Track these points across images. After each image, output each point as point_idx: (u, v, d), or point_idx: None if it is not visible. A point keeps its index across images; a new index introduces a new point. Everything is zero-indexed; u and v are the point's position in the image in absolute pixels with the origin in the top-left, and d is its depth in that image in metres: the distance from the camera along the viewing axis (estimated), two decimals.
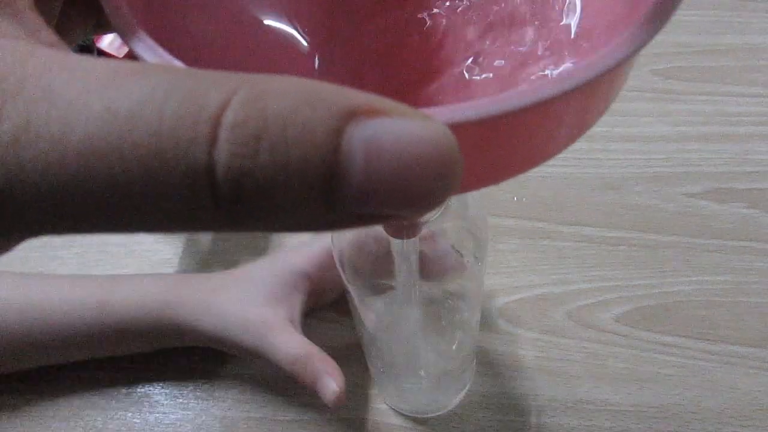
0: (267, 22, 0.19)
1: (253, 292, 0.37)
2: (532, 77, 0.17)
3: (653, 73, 0.55)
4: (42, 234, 0.10)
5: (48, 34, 0.12)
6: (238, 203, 0.09)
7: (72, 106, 0.09)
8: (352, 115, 0.09)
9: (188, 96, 0.09)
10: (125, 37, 0.13)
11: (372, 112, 0.09)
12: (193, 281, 0.39)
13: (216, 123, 0.09)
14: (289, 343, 0.35)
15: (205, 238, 0.47)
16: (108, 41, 0.47)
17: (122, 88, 0.09)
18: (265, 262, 0.39)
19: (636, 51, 0.11)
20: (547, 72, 0.17)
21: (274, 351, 0.35)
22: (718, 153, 0.49)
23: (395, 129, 0.09)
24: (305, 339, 0.35)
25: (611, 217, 0.46)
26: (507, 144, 0.12)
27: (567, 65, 0.17)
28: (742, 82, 0.53)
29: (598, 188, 0.48)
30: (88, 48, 0.52)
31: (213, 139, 0.09)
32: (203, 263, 0.46)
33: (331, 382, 0.34)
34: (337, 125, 0.09)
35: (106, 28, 0.16)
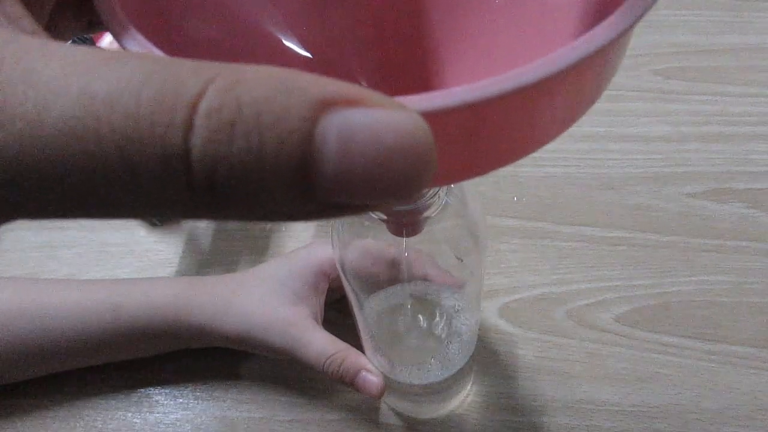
0: (261, 26, 0.19)
1: (276, 292, 0.37)
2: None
3: (653, 73, 0.55)
4: (19, 217, 0.10)
5: (30, 23, 0.12)
6: (213, 189, 0.09)
7: (49, 88, 0.09)
8: (327, 104, 0.09)
9: (166, 82, 0.09)
10: (114, 31, 0.13)
11: (346, 102, 0.09)
12: (207, 283, 0.39)
13: (192, 109, 0.09)
14: (319, 341, 0.35)
15: (205, 239, 0.47)
16: (108, 41, 0.47)
17: (101, 72, 0.09)
18: (283, 262, 0.39)
19: (621, 34, 0.11)
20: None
21: (305, 350, 0.35)
22: (718, 153, 0.49)
23: (369, 118, 0.09)
24: (333, 336, 0.36)
25: (611, 217, 0.46)
26: (487, 133, 0.12)
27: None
28: (742, 82, 0.53)
29: (598, 188, 0.48)
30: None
31: (189, 125, 0.09)
32: (203, 263, 0.46)
33: (370, 376, 0.35)
34: (312, 114, 0.09)
35: (98, 27, 0.16)
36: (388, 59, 0.20)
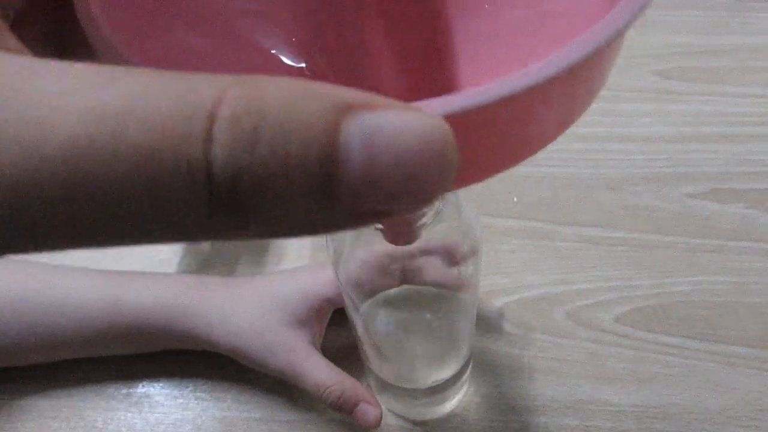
0: (255, 37, 0.19)
1: (277, 312, 0.36)
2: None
3: (653, 74, 0.55)
4: (18, 251, 0.09)
5: (14, 41, 0.11)
6: (236, 201, 0.09)
7: (53, 105, 0.08)
8: (349, 108, 0.09)
9: (181, 92, 0.09)
10: (105, 55, 0.12)
11: (368, 106, 0.09)
12: (208, 287, 0.38)
13: (212, 118, 0.08)
14: (318, 371, 0.35)
15: None
16: None
17: (109, 87, 0.09)
18: (287, 280, 0.38)
19: (628, 25, 0.11)
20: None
21: (303, 378, 0.35)
22: (718, 153, 0.49)
23: (390, 121, 0.09)
24: (331, 364, 0.36)
25: (611, 217, 0.46)
26: (501, 132, 0.12)
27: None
28: (742, 82, 0.53)
29: (598, 188, 0.48)
30: None
31: (209, 134, 0.08)
32: (204, 263, 0.46)
33: (369, 408, 0.35)
34: (335, 118, 0.09)
35: (69, 54, 0.15)
36: (387, 67, 0.20)
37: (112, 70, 0.09)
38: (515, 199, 0.47)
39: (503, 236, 0.45)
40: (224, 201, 0.09)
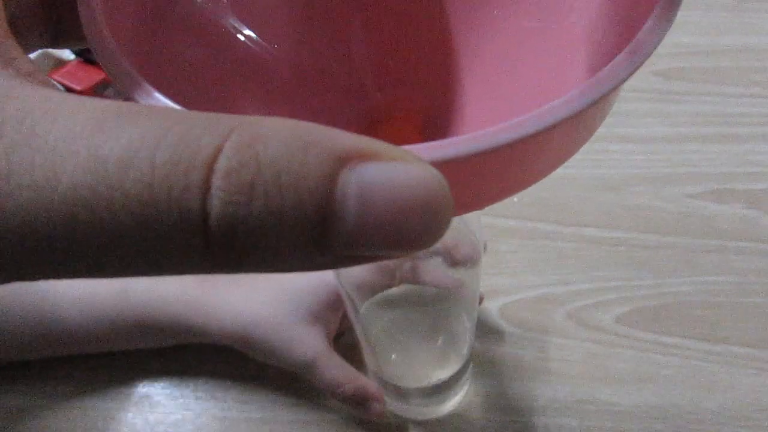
0: (250, 44, 0.19)
1: (292, 308, 0.36)
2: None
3: (653, 74, 0.55)
4: (26, 279, 0.10)
5: (25, 61, 0.11)
6: (231, 250, 0.09)
7: (57, 153, 0.09)
8: (345, 160, 0.09)
9: (180, 142, 0.09)
10: (112, 74, 0.12)
11: (363, 156, 0.09)
12: (220, 279, 0.38)
13: (209, 170, 0.09)
14: (333, 369, 0.35)
15: None
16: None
17: (110, 134, 0.09)
18: (298, 275, 0.38)
19: (626, 77, 0.11)
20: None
21: (317, 375, 0.35)
22: (718, 153, 0.49)
23: (386, 174, 0.09)
24: (346, 363, 0.36)
25: (611, 217, 0.46)
26: (498, 172, 0.12)
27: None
28: (742, 82, 0.53)
29: (598, 188, 0.48)
30: (90, 59, 0.52)
31: (206, 187, 0.09)
32: None
33: (376, 405, 0.35)
34: (331, 171, 0.09)
35: (64, 42, 0.15)
36: (383, 68, 0.20)
37: (112, 110, 0.09)
38: (515, 199, 0.47)
39: (503, 236, 0.45)
40: (220, 250, 0.09)
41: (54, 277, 0.10)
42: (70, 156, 0.09)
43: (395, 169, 0.09)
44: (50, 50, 0.55)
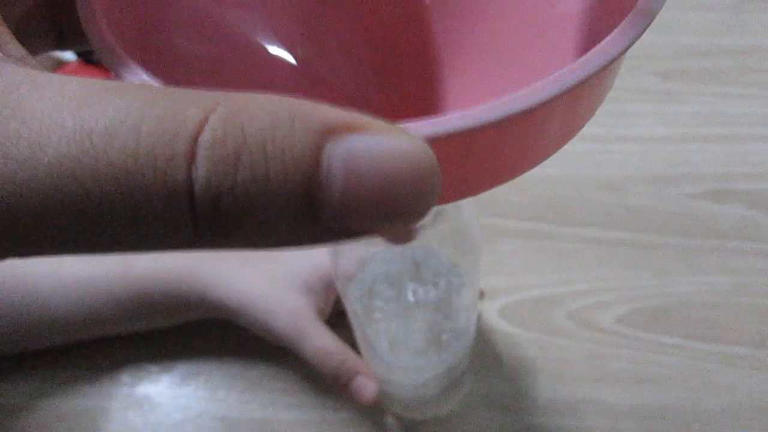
0: (256, 40, 0.19)
1: (287, 276, 0.36)
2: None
3: (653, 74, 0.55)
4: (11, 257, 0.10)
5: (16, 47, 0.11)
6: (218, 221, 0.09)
7: (43, 125, 0.09)
8: (331, 131, 0.09)
9: (165, 114, 0.09)
10: (105, 60, 0.12)
11: (349, 128, 0.09)
12: (220, 255, 0.38)
13: (194, 141, 0.09)
14: (321, 337, 0.35)
15: None
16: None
17: (97, 106, 0.09)
18: (301, 253, 0.38)
19: (620, 53, 0.11)
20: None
21: (305, 343, 0.35)
22: (717, 154, 0.49)
23: (373, 144, 0.09)
24: (336, 336, 0.35)
25: (611, 217, 0.46)
26: (484, 155, 0.12)
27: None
28: (741, 83, 0.54)
29: (598, 188, 0.48)
30: (91, 60, 0.52)
31: (191, 158, 0.09)
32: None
33: (366, 380, 0.35)
34: (317, 141, 0.09)
35: (69, 42, 0.15)
36: (384, 67, 0.20)
37: (98, 86, 0.09)
38: (515, 199, 0.47)
39: (503, 236, 0.45)
40: (206, 221, 0.09)
41: (43, 254, 0.10)
42: (55, 128, 0.09)
43: (382, 141, 0.09)
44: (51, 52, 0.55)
